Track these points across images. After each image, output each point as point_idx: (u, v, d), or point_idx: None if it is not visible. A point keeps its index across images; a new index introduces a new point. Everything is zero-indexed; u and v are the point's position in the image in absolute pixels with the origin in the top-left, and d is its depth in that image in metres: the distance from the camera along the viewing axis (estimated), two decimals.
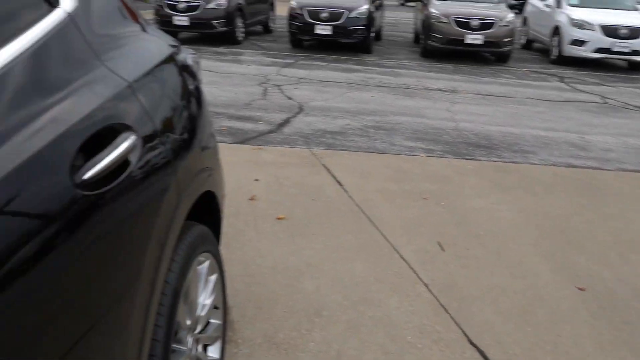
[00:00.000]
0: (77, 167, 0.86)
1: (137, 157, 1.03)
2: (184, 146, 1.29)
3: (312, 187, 3.35)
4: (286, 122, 4.82)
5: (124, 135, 1.01)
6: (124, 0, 1.35)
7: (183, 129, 1.31)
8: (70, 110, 0.90)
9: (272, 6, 11.80)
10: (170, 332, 1.18)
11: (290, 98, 5.74)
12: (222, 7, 9.17)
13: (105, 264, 0.89)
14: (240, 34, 9.68)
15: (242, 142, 4.17)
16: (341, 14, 8.96)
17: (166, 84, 1.33)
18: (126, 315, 0.96)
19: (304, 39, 9.46)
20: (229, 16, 9.25)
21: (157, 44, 1.42)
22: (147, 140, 1.09)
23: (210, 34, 9.43)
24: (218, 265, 1.61)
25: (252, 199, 3.11)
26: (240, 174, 3.47)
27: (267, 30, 11.66)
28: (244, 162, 3.72)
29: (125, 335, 0.97)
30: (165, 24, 9.16)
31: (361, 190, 3.33)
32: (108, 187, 0.92)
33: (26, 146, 0.78)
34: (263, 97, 5.71)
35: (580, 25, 8.73)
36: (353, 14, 8.97)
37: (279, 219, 2.88)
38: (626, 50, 8.59)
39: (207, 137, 1.52)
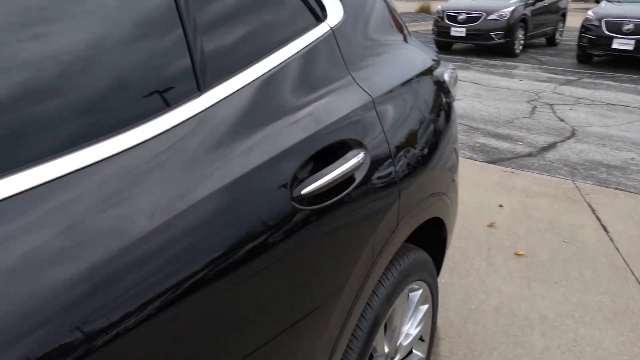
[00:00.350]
0: (298, 179, 0.86)
1: (362, 176, 0.99)
2: (415, 169, 1.20)
3: (566, 226, 2.87)
4: (551, 146, 4.28)
5: (353, 151, 0.98)
6: (393, 12, 1.37)
7: (419, 151, 1.23)
8: (311, 119, 0.93)
9: (563, 17, 10.68)
10: (363, 359, 1.12)
11: (562, 120, 5.08)
12: (504, 19, 8.76)
13: (306, 279, 0.88)
14: (518, 46, 9.09)
15: (493, 162, 3.89)
16: None
17: (414, 100, 1.27)
18: (317, 331, 0.94)
19: (595, 54, 8.26)
20: (509, 28, 8.78)
21: (416, 56, 1.39)
22: (376, 159, 1.04)
23: (486, 45, 9.11)
24: (432, 297, 1.50)
25: (490, 225, 2.86)
26: (484, 196, 3.23)
27: (551, 42, 10.64)
28: (491, 184, 3.45)
29: (312, 350, 0.94)
30: (442, 34, 9.32)
31: (634, 243, 2.70)
32: (324, 204, 0.90)
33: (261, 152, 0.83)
34: (529, 116, 5.20)
35: None
36: None
37: (517, 254, 2.56)
38: None
39: (446, 159, 1.40)
